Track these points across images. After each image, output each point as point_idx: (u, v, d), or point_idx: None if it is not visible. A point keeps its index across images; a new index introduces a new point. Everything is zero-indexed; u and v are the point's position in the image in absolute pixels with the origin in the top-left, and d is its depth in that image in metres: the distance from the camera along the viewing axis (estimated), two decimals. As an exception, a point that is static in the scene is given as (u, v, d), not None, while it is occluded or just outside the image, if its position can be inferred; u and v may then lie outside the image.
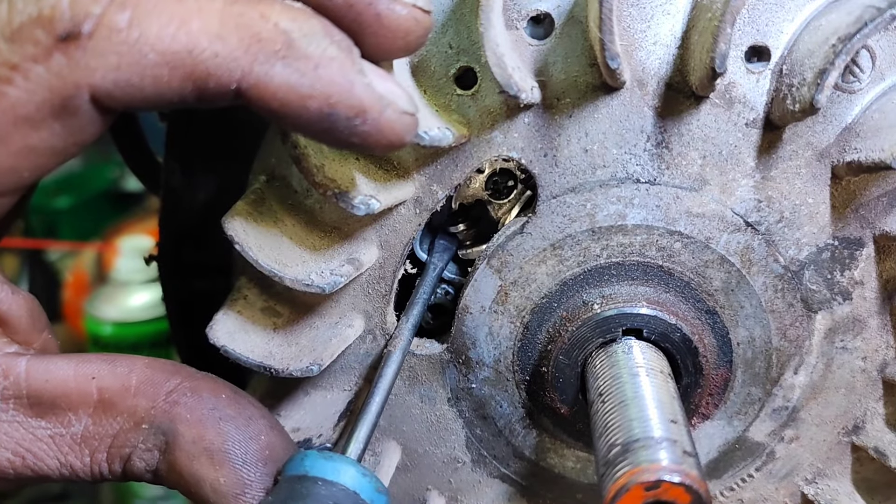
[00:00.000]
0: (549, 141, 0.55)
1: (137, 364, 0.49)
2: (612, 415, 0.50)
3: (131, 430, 0.48)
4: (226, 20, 0.40)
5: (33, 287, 2.16)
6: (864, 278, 0.58)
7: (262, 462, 0.49)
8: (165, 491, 1.66)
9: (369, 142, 0.43)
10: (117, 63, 0.40)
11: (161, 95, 0.41)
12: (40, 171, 0.44)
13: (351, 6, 0.43)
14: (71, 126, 0.42)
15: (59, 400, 0.47)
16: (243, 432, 0.49)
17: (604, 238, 0.57)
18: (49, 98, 0.40)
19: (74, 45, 0.39)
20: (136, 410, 0.48)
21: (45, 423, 0.47)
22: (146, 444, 0.48)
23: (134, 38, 0.40)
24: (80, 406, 0.47)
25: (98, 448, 0.48)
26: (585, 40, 0.53)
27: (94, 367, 0.48)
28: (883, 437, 0.61)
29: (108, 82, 0.40)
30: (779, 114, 0.53)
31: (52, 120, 0.41)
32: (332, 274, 0.55)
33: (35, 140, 0.41)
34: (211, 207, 0.69)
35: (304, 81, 0.41)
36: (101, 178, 2.38)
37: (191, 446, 0.48)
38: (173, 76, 0.40)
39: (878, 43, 0.54)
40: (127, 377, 0.48)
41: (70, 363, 0.48)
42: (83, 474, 0.48)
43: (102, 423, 0.48)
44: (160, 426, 0.48)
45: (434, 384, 0.62)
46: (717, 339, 0.59)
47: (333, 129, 0.42)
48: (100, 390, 0.47)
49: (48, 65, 0.40)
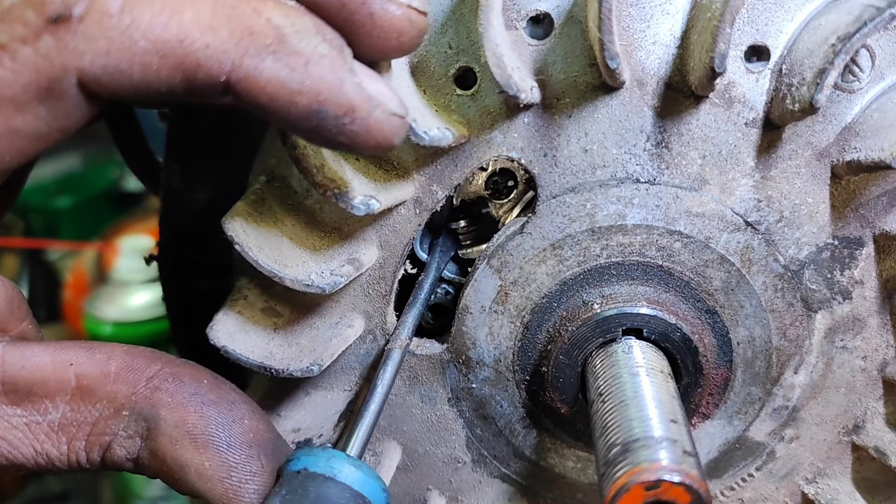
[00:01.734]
0: (548, 141, 0.55)
1: (116, 351, 0.48)
2: (612, 414, 0.50)
3: (111, 418, 0.47)
4: (218, 12, 0.40)
5: (33, 287, 2.16)
6: (864, 277, 0.58)
7: (246, 445, 0.48)
8: (165, 490, 1.66)
9: (357, 141, 0.42)
10: (107, 48, 0.40)
11: (149, 84, 0.41)
12: (22, 156, 0.43)
13: (344, 5, 0.43)
14: (56, 110, 0.41)
15: (36, 387, 0.46)
16: (226, 416, 0.48)
17: (604, 238, 0.57)
18: (35, 80, 0.40)
19: (64, 27, 0.39)
20: (117, 397, 0.47)
21: (21, 411, 0.46)
22: (127, 430, 0.47)
23: (125, 24, 0.39)
24: (58, 393, 0.47)
25: (76, 436, 0.47)
26: (585, 40, 0.53)
27: (71, 354, 0.47)
28: (883, 437, 0.61)
29: (97, 67, 0.40)
30: (778, 113, 0.53)
31: (37, 103, 0.41)
32: (332, 274, 0.55)
33: (19, 122, 0.41)
34: (211, 207, 0.69)
35: (294, 77, 0.41)
36: (102, 178, 2.39)
37: (173, 430, 0.47)
38: (163, 65, 0.40)
39: (877, 42, 0.54)
40: (106, 364, 0.47)
41: (47, 350, 0.47)
42: (60, 463, 0.48)
43: (81, 411, 0.47)
44: (141, 412, 0.47)
45: (434, 384, 0.62)
46: (717, 338, 0.59)
47: (322, 127, 0.42)
48: (78, 377, 0.47)
49: (36, 46, 0.39)
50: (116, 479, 1.76)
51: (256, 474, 0.48)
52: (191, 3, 0.40)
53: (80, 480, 1.86)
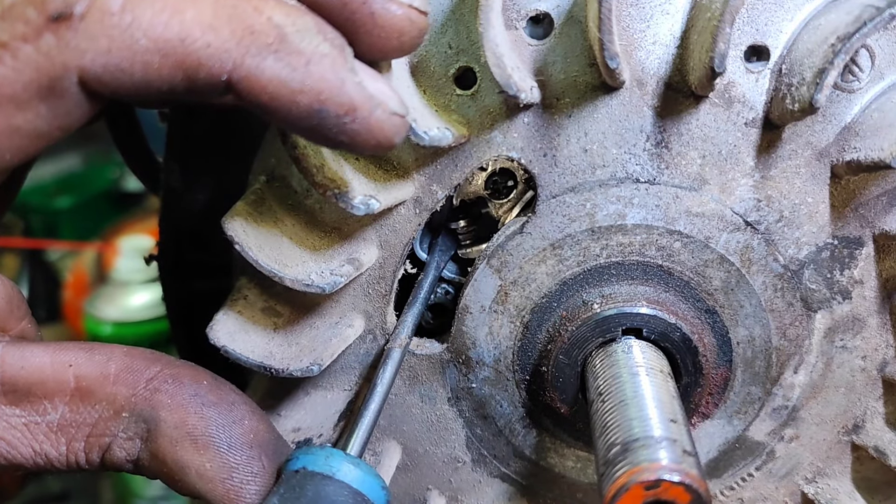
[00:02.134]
0: (548, 141, 0.55)
1: (116, 352, 0.48)
2: (611, 414, 0.50)
3: (111, 419, 0.47)
4: (220, 11, 0.40)
5: (33, 287, 2.16)
6: (864, 277, 0.58)
7: (247, 445, 0.48)
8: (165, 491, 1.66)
9: (357, 141, 0.42)
10: (108, 47, 0.39)
11: (150, 83, 0.41)
12: (23, 154, 0.43)
13: (345, 5, 0.43)
14: (57, 109, 0.41)
15: (35, 387, 0.46)
16: (226, 416, 0.48)
17: (603, 238, 0.57)
18: (36, 78, 0.40)
19: (65, 25, 0.39)
20: (116, 398, 0.47)
21: (20, 411, 0.46)
22: (127, 432, 0.47)
23: (126, 22, 0.39)
24: (57, 394, 0.47)
25: (75, 437, 0.47)
26: (585, 40, 0.53)
27: (71, 355, 0.47)
28: (883, 436, 0.61)
29: (98, 66, 0.40)
30: (778, 113, 0.53)
31: (37, 101, 0.41)
32: (332, 274, 0.55)
33: (19, 120, 0.41)
34: (211, 207, 0.69)
35: (295, 76, 0.41)
36: (101, 178, 2.39)
37: (173, 432, 0.47)
38: (164, 64, 0.40)
39: (877, 42, 0.54)
40: (105, 365, 0.47)
41: (47, 351, 0.47)
42: (58, 463, 0.48)
43: (80, 412, 0.47)
44: (141, 413, 0.47)
45: (434, 384, 0.62)
46: (716, 338, 0.59)
47: (322, 127, 0.42)
48: (77, 378, 0.47)
49: (37, 44, 0.39)
50: (116, 479, 1.76)
51: (258, 475, 0.48)
52: (192, 2, 0.40)
53: (79, 480, 1.86)
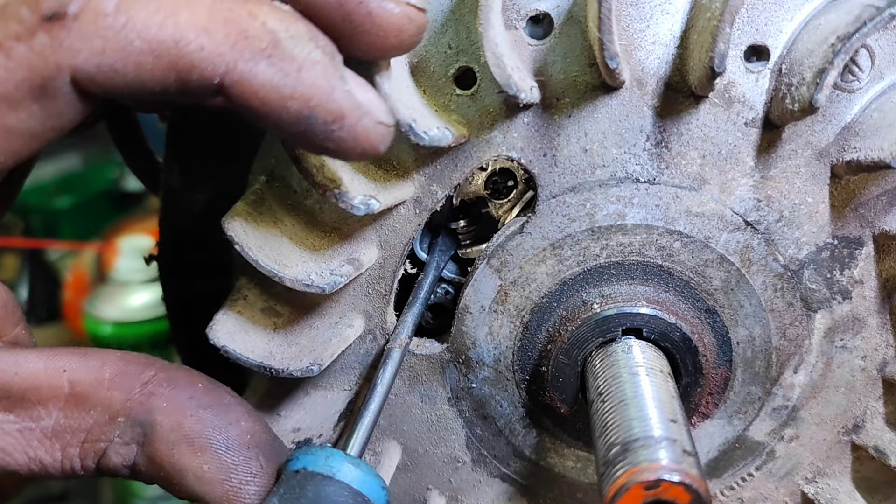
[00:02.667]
0: (548, 141, 0.55)
1: (110, 357, 0.48)
2: (611, 414, 0.50)
3: (106, 424, 0.47)
4: (214, 14, 0.40)
5: (33, 287, 2.16)
6: (864, 277, 0.58)
7: (244, 447, 0.48)
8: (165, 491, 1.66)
9: (343, 148, 0.43)
10: (101, 47, 0.40)
11: (143, 84, 0.41)
12: (16, 155, 0.43)
13: (342, 4, 0.43)
14: (49, 109, 0.41)
15: (29, 393, 0.46)
16: (222, 418, 0.48)
17: (603, 238, 0.57)
18: (29, 78, 0.40)
19: (59, 25, 0.39)
20: (111, 403, 0.47)
21: (14, 417, 0.46)
22: (123, 437, 0.47)
23: (120, 23, 0.39)
24: (51, 399, 0.46)
25: (70, 442, 0.47)
26: (584, 40, 0.53)
27: (65, 361, 0.47)
28: (883, 436, 0.61)
29: (91, 66, 0.40)
30: (778, 113, 0.53)
31: (30, 101, 0.41)
32: (332, 274, 0.55)
33: (12, 120, 0.41)
34: (211, 207, 0.69)
35: (287, 82, 0.41)
36: (101, 178, 2.38)
37: (170, 435, 0.47)
38: (157, 65, 0.40)
39: (877, 42, 0.54)
40: (100, 370, 0.47)
41: (40, 356, 0.47)
42: (53, 470, 0.47)
43: (75, 417, 0.47)
44: (137, 418, 0.47)
45: (434, 384, 0.62)
46: (716, 338, 0.59)
47: (310, 133, 0.42)
48: (71, 383, 0.46)
49: (30, 44, 0.39)
50: (116, 480, 1.76)
51: (256, 475, 0.48)
52: (187, 4, 0.40)
53: (79, 481, 1.86)
